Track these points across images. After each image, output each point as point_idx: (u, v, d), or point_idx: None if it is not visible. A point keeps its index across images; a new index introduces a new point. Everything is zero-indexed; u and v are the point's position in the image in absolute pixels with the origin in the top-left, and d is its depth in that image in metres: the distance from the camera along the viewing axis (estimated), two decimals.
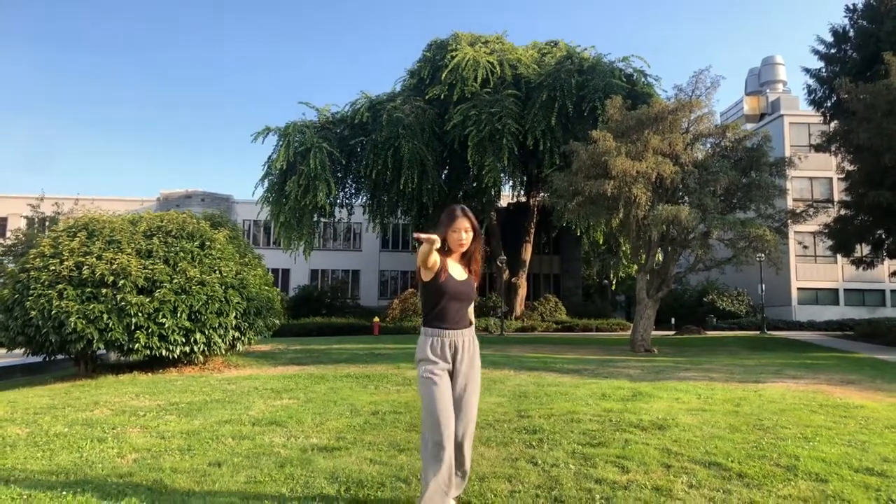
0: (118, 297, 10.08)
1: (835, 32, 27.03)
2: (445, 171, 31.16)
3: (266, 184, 29.64)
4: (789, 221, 19.16)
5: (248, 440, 5.15)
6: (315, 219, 30.34)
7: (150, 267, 10.59)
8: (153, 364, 11.16)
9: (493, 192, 30.02)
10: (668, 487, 3.73)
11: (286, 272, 41.90)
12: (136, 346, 10.13)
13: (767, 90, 48.32)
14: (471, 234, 3.36)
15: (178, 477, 3.96)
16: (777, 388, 8.38)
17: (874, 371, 11.50)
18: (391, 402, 7.15)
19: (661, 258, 19.80)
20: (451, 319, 3.28)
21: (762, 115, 45.44)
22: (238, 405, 7.00)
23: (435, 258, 3.23)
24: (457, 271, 3.36)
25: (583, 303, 39.03)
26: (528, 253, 34.04)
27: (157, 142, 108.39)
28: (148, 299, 10.27)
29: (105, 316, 9.94)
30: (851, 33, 26.72)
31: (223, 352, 11.56)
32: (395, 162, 27.31)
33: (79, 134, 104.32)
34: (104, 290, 10.09)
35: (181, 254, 11.10)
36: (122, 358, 11.33)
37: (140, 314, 10.12)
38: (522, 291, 34.22)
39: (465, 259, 3.43)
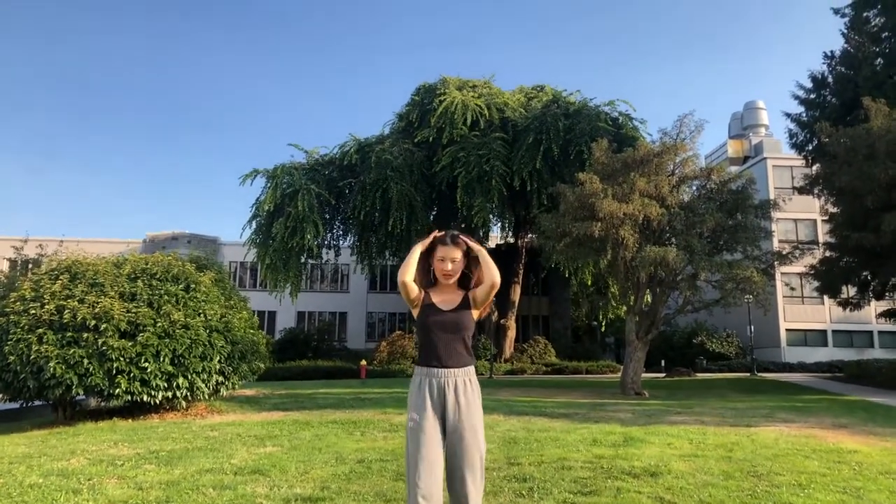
0: (99, 341, 9.88)
1: (814, 78, 27.67)
2: (434, 213, 31.25)
3: (253, 226, 29.59)
4: (776, 263, 19.24)
5: (229, 490, 4.97)
6: (302, 260, 30.20)
7: (134, 310, 10.42)
8: (134, 410, 10.91)
9: (481, 234, 30.08)
10: None
11: (272, 314, 41.58)
12: (117, 391, 9.91)
13: (750, 134, 49.20)
14: (458, 263, 3.16)
15: None
16: (769, 433, 8.27)
17: (866, 414, 11.42)
18: (378, 449, 6.98)
19: (649, 300, 19.77)
20: (439, 356, 3.01)
21: (746, 158, 46.13)
22: (220, 453, 6.81)
23: (413, 290, 3.10)
24: (446, 300, 3.13)
25: (572, 344, 38.85)
26: (516, 294, 33.97)
27: (144, 183, 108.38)
28: (130, 343, 10.08)
29: (85, 361, 9.73)
30: (830, 79, 27.37)
31: (206, 397, 11.32)
32: (383, 203, 27.38)
33: (64, 171, 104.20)
34: (85, 335, 9.89)
35: (165, 297, 10.95)
36: (103, 404, 11.08)
37: (122, 359, 9.91)
38: (511, 333, 34.05)
39: (463, 287, 3.22)
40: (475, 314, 3.19)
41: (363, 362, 30.12)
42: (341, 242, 33.17)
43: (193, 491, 4.94)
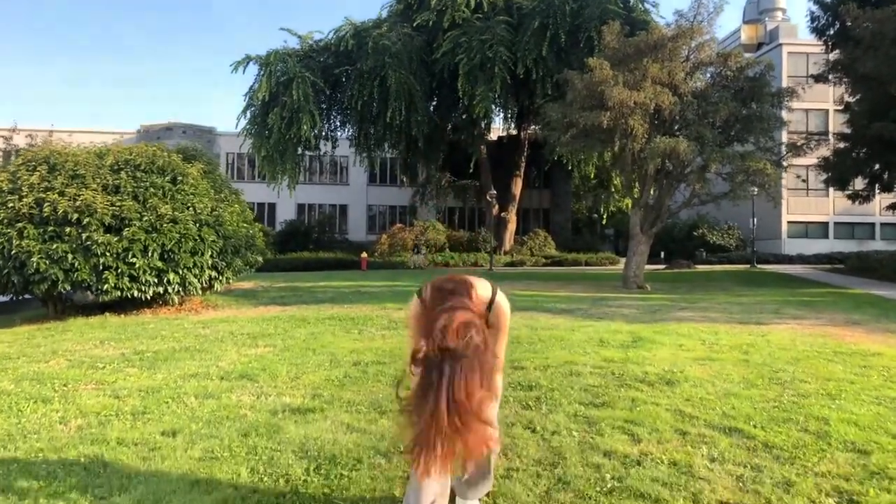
0: (83, 235, 9.43)
1: None
2: (434, 103, 30.10)
3: (248, 116, 28.57)
4: (789, 155, 18.53)
5: (212, 399, 4.63)
6: (299, 152, 29.36)
7: (118, 204, 9.91)
8: (126, 305, 10.60)
9: (483, 125, 29.10)
10: (687, 462, 3.24)
11: (272, 206, 41.11)
12: (105, 287, 9.56)
13: (766, 18, 46.84)
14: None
15: (123, 452, 3.43)
16: (783, 332, 7.94)
17: (876, 310, 11.13)
18: (375, 350, 6.65)
19: (655, 193, 19.20)
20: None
21: (759, 45, 44.09)
22: (208, 354, 6.47)
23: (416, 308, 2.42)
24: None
25: (572, 237, 38.63)
26: (518, 187, 33.33)
27: (139, 71, 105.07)
28: (116, 238, 9.63)
29: (70, 256, 9.32)
30: None
31: (199, 292, 11.00)
32: (381, 93, 26.24)
33: (54, 60, 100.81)
34: (68, 229, 9.43)
35: (151, 189, 10.40)
36: (98, 298, 10.71)
37: (108, 254, 9.50)
38: (512, 226, 33.69)
39: None
40: None
41: (364, 254, 29.98)
42: (339, 134, 32.19)
43: (173, 400, 4.59)
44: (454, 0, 25.74)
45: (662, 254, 34.90)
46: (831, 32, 26.13)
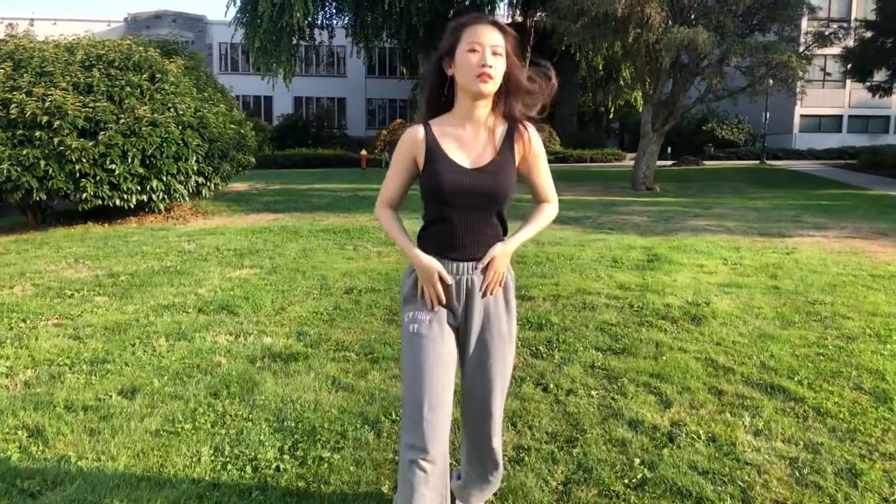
0: (55, 140, 8.71)
1: None
2: None
3: (237, 3, 26.86)
4: (814, 46, 17.34)
5: (184, 342, 4.13)
6: (294, 42, 27.82)
7: (91, 105, 9.12)
8: (111, 212, 10.03)
9: (487, 10, 27.35)
10: (728, 438, 2.76)
11: (268, 100, 39.69)
12: (84, 195, 8.95)
13: None
14: (502, 60, 1.84)
15: (68, 422, 2.94)
16: (809, 248, 7.39)
17: None
18: (369, 272, 6.12)
19: (668, 88, 18.14)
20: (459, 243, 1.89)
21: None
22: (189, 278, 5.96)
23: (410, 173, 1.97)
24: (468, 150, 1.89)
25: (577, 131, 37.48)
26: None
27: None
28: (91, 143, 8.93)
29: (42, 162, 8.65)
30: None
31: (186, 199, 10.40)
32: None
33: None
34: (38, 133, 8.69)
35: (127, 88, 9.59)
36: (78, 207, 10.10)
37: (84, 160, 8.83)
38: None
39: (507, 117, 1.92)
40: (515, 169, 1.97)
41: (364, 152, 29.09)
42: (335, 22, 30.42)
43: (140, 342, 4.09)
44: None
45: (669, 149, 33.88)
46: None
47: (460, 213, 1.88)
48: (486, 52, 1.80)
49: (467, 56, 1.80)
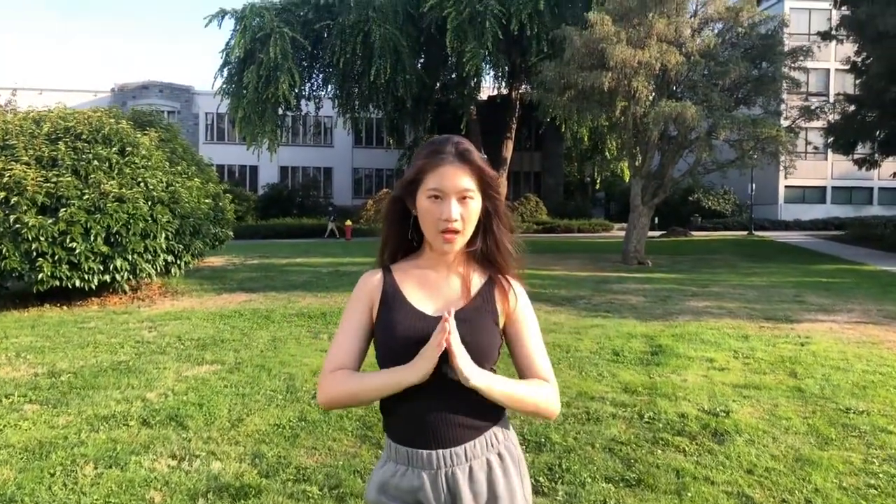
0: (11, 217, 8.13)
1: None
2: (422, 60, 28.42)
3: (224, 74, 26.91)
4: (800, 119, 17.31)
5: (116, 470, 3.45)
6: (280, 112, 27.79)
7: (54, 180, 8.58)
8: (71, 294, 9.33)
9: (473, 84, 27.54)
10: None
11: (254, 169, 39.49)
12: (41, 276, 8.29)
13: None
14: (471, 206, 1.40)
15: None
16: (823, 336, 6.83)
17: None
18: None
19: (656, 161, 17.97)
20: (426, 422, 1.39)
21: (759, 1, 42.42)
22: (140, 378, 5.28)
23: (368, 291, 1.48)
24: (434, 295, 1.45)
25: (563, 201, 37.51)
26: (508, 150, 31.90)
27: (114, 30, 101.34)
28: (51, 220, 8.34)
29: None
30: None
31: (154, 278, 9.77)
32: (365, 49, 24.63)
33: (23, 16, 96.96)
34: None
35: (95, 162, 9.07)
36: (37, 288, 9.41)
37: (42, 238, 8.21)
38: (503, 191, 32.29)
39: (483, 261, 1.50)
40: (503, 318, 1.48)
41: (348, 223, 28.70)
42: (322, 93, 30.52)
43: (62, 471, 3.41)
44: None
45: (656, 219, 33.78)
46: None
47: (427, 380, 1.34)
48: (451, 202, 1.38)
49: (429, 205, 1.39)
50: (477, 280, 1.47)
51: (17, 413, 4.41)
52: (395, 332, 1.38)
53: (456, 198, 1.38)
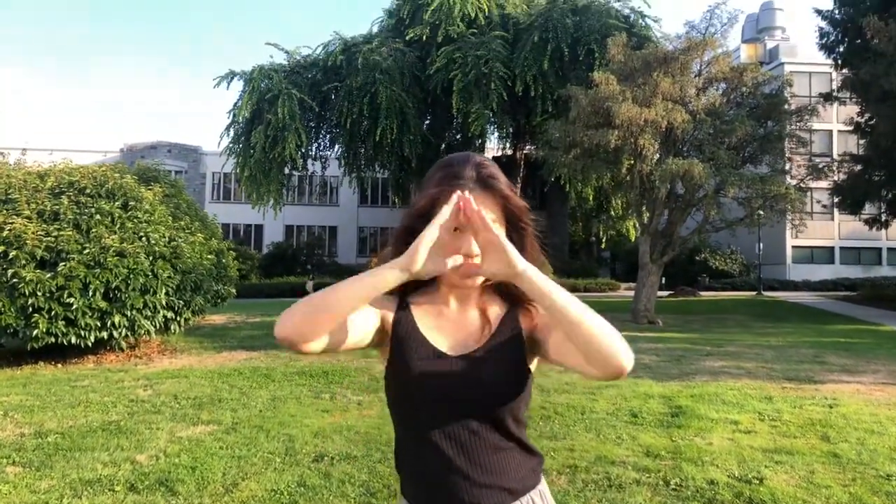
0: (9, 272, 7.95)
1: None
2: (428, 121, 28.77)
3: (231, 134, 27.17)
4: (808, 178, 17.25)
5: None
6: (286, 171, 27.98)
7: (55, 233, 8.43)
8: (67, 352, 9.07)
9: (478, 144, 27.79)
10: None
11: (259, 228, 39.63)
12: (36, 332, 8.04)
13: (766, 37, 46.04)
14: (492, 239, 1.13)
15: None
16: (850, 398, 6.50)
17: None
18: (347, 430, 5.17)
19: (664, 218, 17.86)
20: (440, 474, 1.18)
21: (760, 64, 43.15)
22: (132, 438, 4.98)
23: (365, 321, 1.25)
24: (449, 331, 1.26)
25: (569, 261, 37.33)
26: None
27: (124, 91, 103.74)
28: (49, 275, 8.14)
29: None
30: None
31: (152, 335, 9.52)
32: (371, 110, 24.91)
33: (30, 81, 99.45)
34: None
35: (97, 217, 8.94)
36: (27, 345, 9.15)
37: (39, 293, 8.00)
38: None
39: (503, 294, 1.31)
40: (536, 359, 1.28)
41: None
42: (328, 153, 30.81)
43: None
44: (448, 14, 24.52)
45: (664, 279, 33.52)
46: (840, 49, 25.09)
47: (441, 426, 1.18)
48: (468, 242, 1.19)
49: (446, 238, 1.17)
50: (497, 311, 1.28)
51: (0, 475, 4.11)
52: (411, 369, 1.20)
53: (479, 226, 1.15)
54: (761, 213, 16.23)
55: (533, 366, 1.27)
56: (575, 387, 6.98)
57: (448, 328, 1.27)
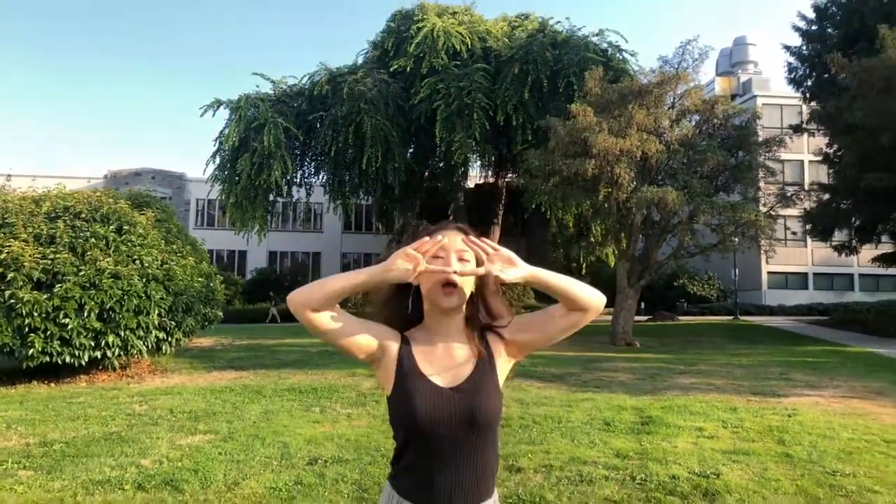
0: (6, 293, 8.23)
1: (817, 8, 25.86)
2: (411, 150, 29.31)
3: (217, 161, 27.50)
4: (778, 206, 17.92)
5: None
6: (271, 198, 28.33)
7: (51, 256, 8.73)
8: (60, 370, 9.30)
9: (461, 172, 28.37)
10: None
11: (242, 254, 39.81)
12: (31, 351, 8.31)
13: (739, 71, 47.45)
14: (469, 265, 1.58)
15: None
16: (809, 409, 6.95)
17: (890, 374, 10.26)
18: (338, 438, 5.51)
19: (641, 244, 18.41)
20: (433, 486, 1.52)
21: (734, 97, 44.45)
22: (134, 446, 5.29)
23: (365, 334, 1.61)
24: (441, 366, 1.59)
25: None
26: (495, 236, 32.39)
27: (107, 119, 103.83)
28: (45, 296, 8.43)
29: None
30: (833, 9, 25.62)
31: (145, 356, 9.78)
32: (356, 139, 25.40)
33: (14, 107, 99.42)
34: None
35: (92, 240, 9.25)
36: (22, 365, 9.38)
37: (35, 314, 8.28)
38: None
39: (473, 325, 1.66)
40: (504, 367, 1.67)
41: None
42: (313, 180, 31.22)
43: None
44: (432, 47, 25.18)
45: (643, 304, 34.08)
46: (808, 83, 26.09)
47: (435, 447, 1.52)
48: (452, 257, 1.56)
49: (431, 263, 1.55)
50: (475, 340, 1.64)
51: (12, 478, 4.40)
52: (414, 406, 1.52)
53: (456, 255, 1.57)
54: (735, 239, 16.86)
55: (503, 378, 1.65)
56: (553, 401, 7.36)
57: (441, 363, 1.59)
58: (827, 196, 22.62)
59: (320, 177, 31.02)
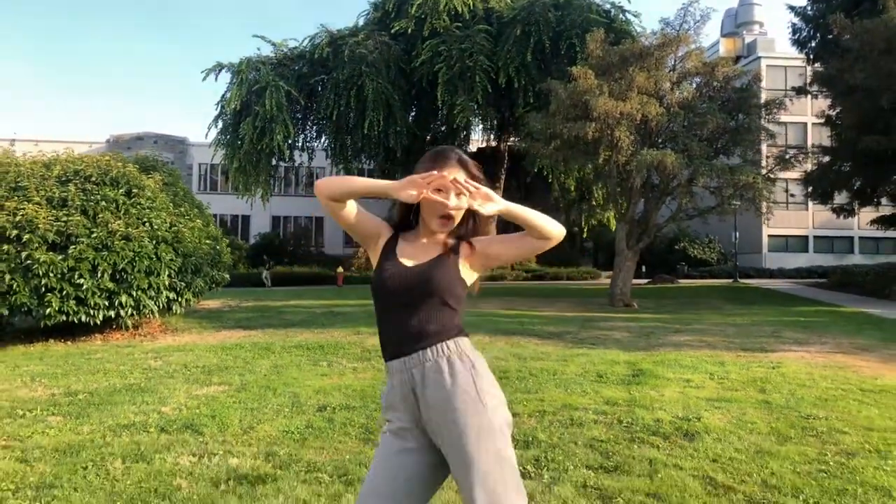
0: (23, 254, 8.51)
1: None
2: (413, 113, 29.35)
3: (219, 125, 27.59)
4: (776, 168, 18.08)
5: (143, 463, 3.80)
6: (273, 163, 28.48)
7: (64, 219, 9.00)
8: (75, 330, 9.66)
9: (463, 135, 28.43)
10: None
11: (246, 219, 40.13)
12: (49, 311, 8.63)
13: (744, 32, 46.96)
14: (465, 199, 1.85)
15: None
16: (793, 362, 7.28)
17: (879, 332, 10.57)
18: (345, 388, 5.85)
19: (641, 207, 18.62)
20: (394, 339, 1.87)
21: (738, 58, 44.07)
22: (152, 396, 5.63)
23: (366, 224, 2.03)
24: (417, 251, 1.92)
25: (552, 250, 37.90)
26: None
27: (109, 82, 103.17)
28: (60, 257, 8.73)
29: (7, 276, 8.40)
30: None
31: (156, 315, 10.11)
32: (358, 102, 25.44)
33: (18, 70, 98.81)
34: (5, 247, 8.50)
35: (103, 203, 9.51)
36: (40, 323, 9.71)
37: (51, 274, 8.58)
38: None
39: (457, 241, 1.96)
40: (468, 271, 1.95)
41: (340, 269, 29.12)
42: (315, 144, 31.30)
43: (93, 465, 3.75)
44: (434, 8, 25.05)
45: (644, 268, 34.44)
46: (812, 45, 25.98)
47: (396, 309, 1.87)
48: (451, 193, 1.84)
49: (433, 194, 1.84)
50: (448, 244, 1.95)
51: (43, 423, 4.74)
52: (382, 276, 1.89)
53: (454, 192, 1.83)
54: (734, 202, 17.07)
55: (469, 276, 1.94)
56: (549, 356, 7.70)
57: (415, 253, 1.93)
58: (827, 158, 22.73)
59: (322, 141, 31.08)
